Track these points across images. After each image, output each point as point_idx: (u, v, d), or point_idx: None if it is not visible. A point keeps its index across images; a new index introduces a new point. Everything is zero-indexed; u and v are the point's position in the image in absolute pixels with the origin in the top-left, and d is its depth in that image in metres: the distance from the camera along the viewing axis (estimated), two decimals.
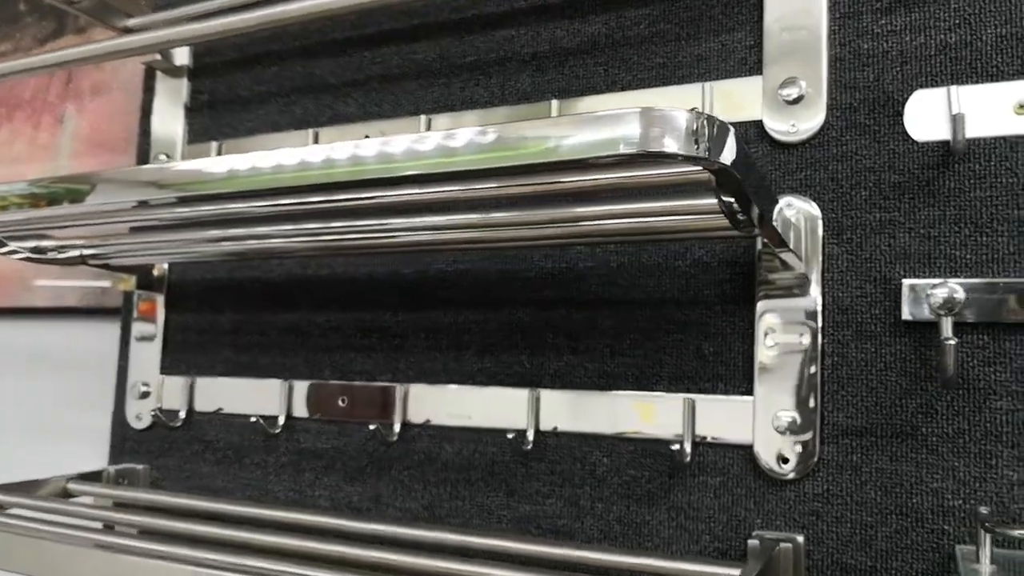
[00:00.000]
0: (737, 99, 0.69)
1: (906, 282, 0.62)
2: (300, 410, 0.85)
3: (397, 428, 0.79)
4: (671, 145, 0.42)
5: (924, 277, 0.62)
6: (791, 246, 0.61)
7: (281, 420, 0.85)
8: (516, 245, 0.72)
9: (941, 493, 0.59)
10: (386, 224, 0.66)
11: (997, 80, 0.61)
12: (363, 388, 0.82)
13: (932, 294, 0.59)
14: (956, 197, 0.62)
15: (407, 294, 0.82)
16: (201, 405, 0.91)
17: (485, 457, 0.76)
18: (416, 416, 0.79)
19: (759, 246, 0.67)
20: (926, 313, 0.61)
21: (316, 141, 0.89)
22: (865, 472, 0.62)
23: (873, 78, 0.65)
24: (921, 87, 0.63)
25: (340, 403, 0.83)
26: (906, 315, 0.61)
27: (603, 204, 0.59)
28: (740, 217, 0.54)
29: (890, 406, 0.62)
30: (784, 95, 0.67)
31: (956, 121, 0.59)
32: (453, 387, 0.78)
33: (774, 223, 0.56)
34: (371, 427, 0.76)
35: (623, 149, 0.43)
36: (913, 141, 0.63)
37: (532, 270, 0.76)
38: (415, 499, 0.78)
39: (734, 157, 0.44)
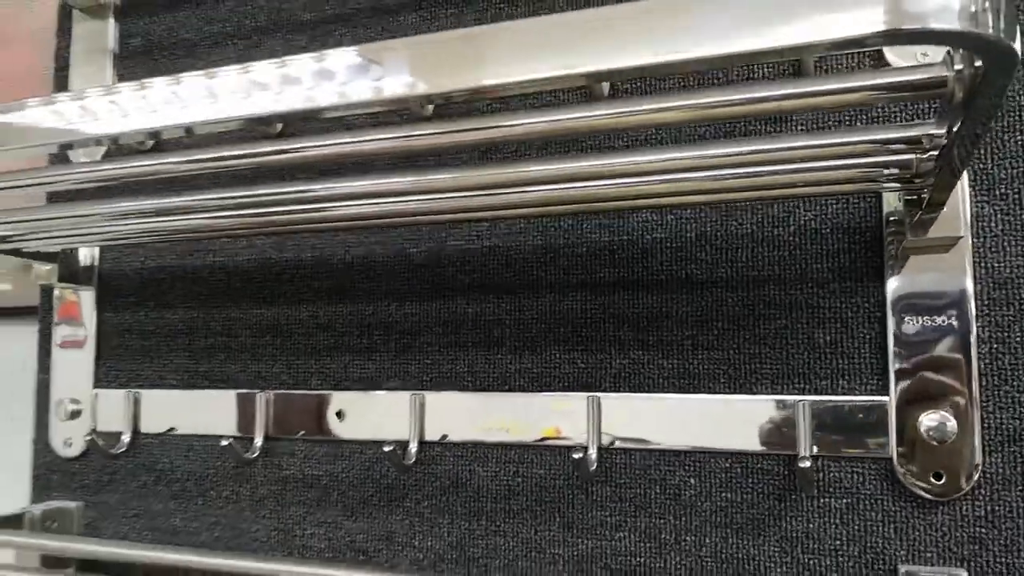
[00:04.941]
0: None
1: None
2: (281, 428, 0.68)
3: (413, 448, 0.62)
4: (945, 22, 0.28)
5: None
6: None
7: (258, 442, 0.68)
8: (560, 211, 0.57)
9: None
10: (386, 185, 0.49)
11: None
12: (364, 398, 0.65)
13: None
14: None
15: (417, 279, 0.65)
16: (149, 425, 0.73)
17: (531, 481, 0.60)
18: (435, 431, 0.63)
19: (887, 206, 0.53)
20: None
21: None
22: None
23: None
24: None
25: (335, 418, 0.66)
26: None
27: (708, 147, 0.44)
28: (931, 159, 0.40)
29: None
30: None
31: None
32: (484, 395, 0.62)
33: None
34: (384, 448, 0.60)
35: (863, 30, 0.28)
36: None
37: (582, 245, 0.61)
38: (439, 536, 0.62)
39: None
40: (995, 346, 0.51)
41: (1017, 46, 0.29)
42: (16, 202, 0.62)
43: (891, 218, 0.53)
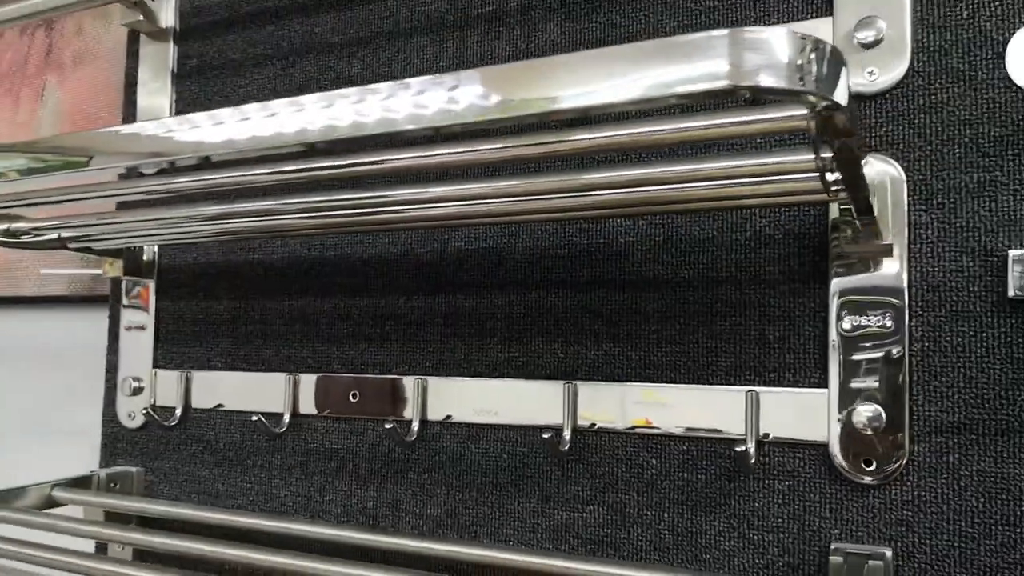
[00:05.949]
0: None
1: (1013, 253, 0.52)
2: (307, 406, 0.77)
3: (415, 426, 0.70)
4: (771, 79, 0.33)
5: None
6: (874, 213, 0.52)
7: (286, 418, 0.77)
8: (547, 218, 0.63)
9: None
10: (395, 196, 0.57)
11: None
12: (376, 381, 0.73)
13: None
14: None
15: (422, 276, 0.73)
16: (198, 401, 0.83)
17: (515, 458, 0.67)
18: (436, 412, 0.71)
19: (834, 214, 0.58)
20: None
21: None
22: (964, 475, 0.53)
23: (967, 15, 0.55)
24: None
25: (351, 398, 0.74)
26: (1014, 292, 0.52)
27: (649, 166, 0.50)
28: (830, 176, 0.45)
29: (994, 398, 0.53)
30: (860, 38, 0.57)
31: None
32: (476, 380, 0.69)
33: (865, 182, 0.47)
34: (386, 425, 0.68)
35: (706, 85, 0.34)
36: (1018, 88, 0.54)
37: (564, 247, 0.67)
38: (436, 505, 0.70)
39: (847, 97, 0.34)
40: (927, 344, 0.55)
41: (839, 96, 0.34)
42: (84, 208, 0.72)
43: (836, 225, 0.58)
